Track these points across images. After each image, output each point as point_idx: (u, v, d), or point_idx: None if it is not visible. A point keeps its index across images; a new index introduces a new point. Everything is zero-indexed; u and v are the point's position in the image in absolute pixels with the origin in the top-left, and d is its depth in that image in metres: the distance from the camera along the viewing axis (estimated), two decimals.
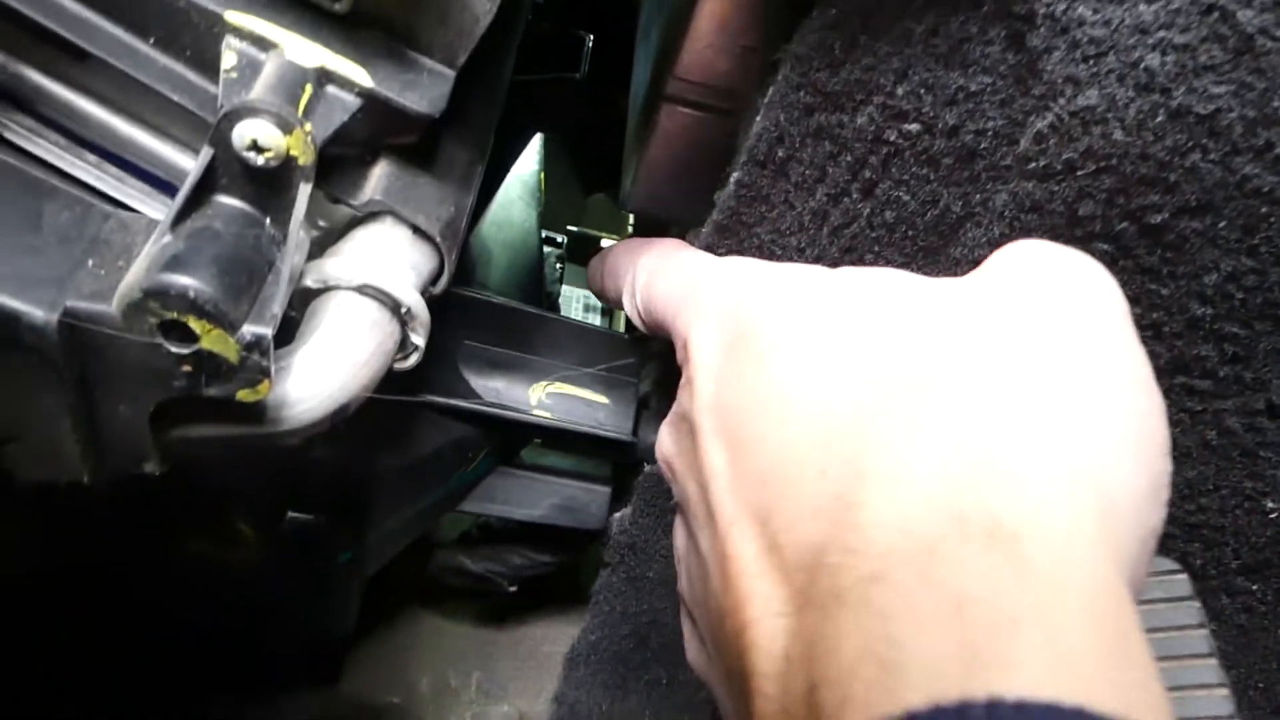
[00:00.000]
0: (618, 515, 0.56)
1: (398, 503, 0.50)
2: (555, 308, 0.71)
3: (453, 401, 0.50)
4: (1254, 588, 0.49)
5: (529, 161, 0.64)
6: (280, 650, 0.56)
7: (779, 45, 0.39)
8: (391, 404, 0.48)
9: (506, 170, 0.61)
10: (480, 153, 0.40)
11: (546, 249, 0.72)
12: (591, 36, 0.58)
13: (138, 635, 0.52)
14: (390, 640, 0.66)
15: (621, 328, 0.74)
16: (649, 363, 0.55)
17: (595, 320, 0.76)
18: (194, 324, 0.28)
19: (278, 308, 0.31)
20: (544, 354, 0.54)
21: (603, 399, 0.55)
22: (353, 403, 0.34)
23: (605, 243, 0.76)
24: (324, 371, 0.33)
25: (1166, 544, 0.48)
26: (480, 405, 0.50)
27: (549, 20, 0.56)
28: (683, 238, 0.49)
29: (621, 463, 0.58)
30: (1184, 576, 0.40)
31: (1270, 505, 0.44)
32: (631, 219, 0.79)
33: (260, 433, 0.33)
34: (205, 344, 0.29)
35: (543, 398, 0.53)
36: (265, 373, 0.30)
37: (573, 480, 0.58)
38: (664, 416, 0.37)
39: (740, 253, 0.44)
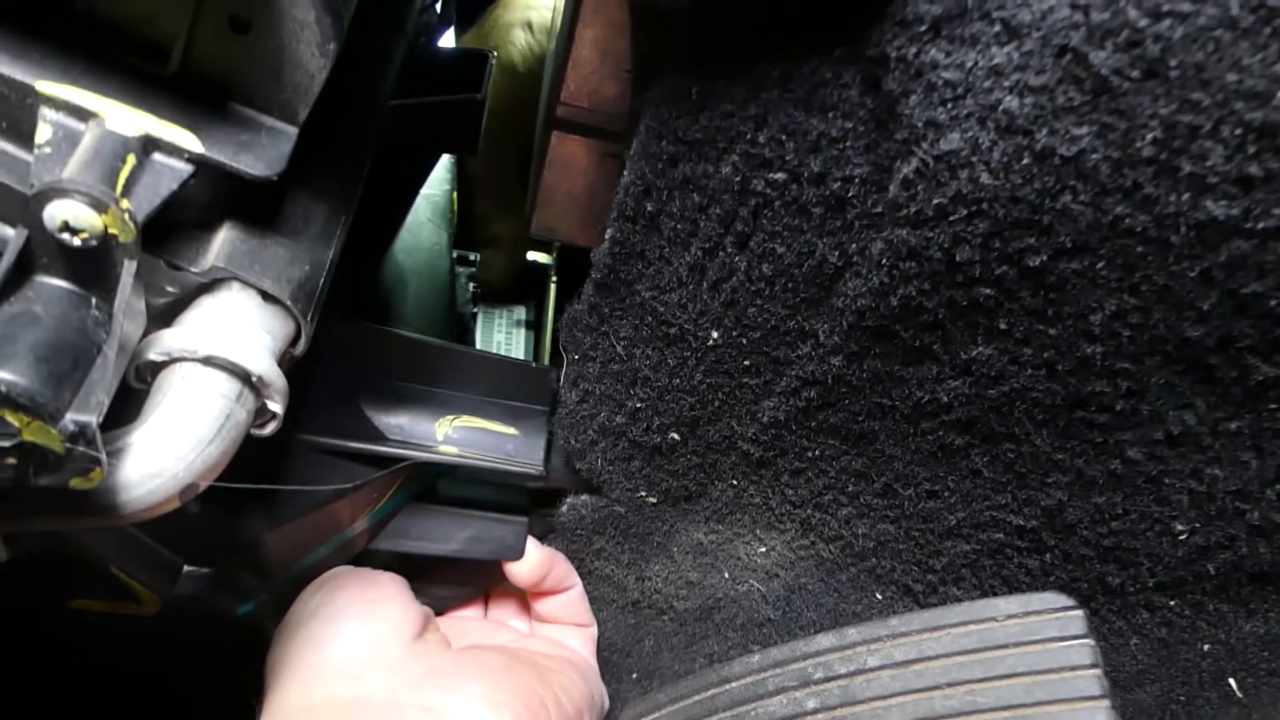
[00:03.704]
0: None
1: (300, 550, 0.49)
2: (468, 330, 0.69)
3: (352, 445, 0.48)
4: (1172, 603, 0.48)
5: (439, 182, 0.63)
6: (186, 700, 0.55)
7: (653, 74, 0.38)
8: (279, 456, 0.47)
9: (413, 196, 0.59)
10: (343, 202, 0.38)
11: (461, 269, 0.70)
12: (495, 52, 0.57)
13: (35, 694, 0.51)
14: None
15: (547, 354, 0.72)
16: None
17: (520, 336, 0.75)
18: (10, 417, 0.27)
19: (104, 393, 0.29)
20: (450, 387, 0.53)
21: (511, 430, 0.53)
22: (202, 481, 0.33)
23: (532, 256, 0.74)
24: (166, 451, 0.32)
25: (1083, 565, 0.48)
26: (381, 448, 0.49)
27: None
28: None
29: (537, 490, 0.57)
30: (1079, 613, 0.39)
31: (1179, 528, 0.44)
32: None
33: (102, 519, 0.32)
34: (27, 436, 0.27)
35: (449, 432, 0.52)
36: (95, 461, 0.29)
37: (488, 511, 0.56)
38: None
39: (623, 311, 0.43)
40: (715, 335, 0.42)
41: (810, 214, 0.35)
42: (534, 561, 0.54)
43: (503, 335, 0.73)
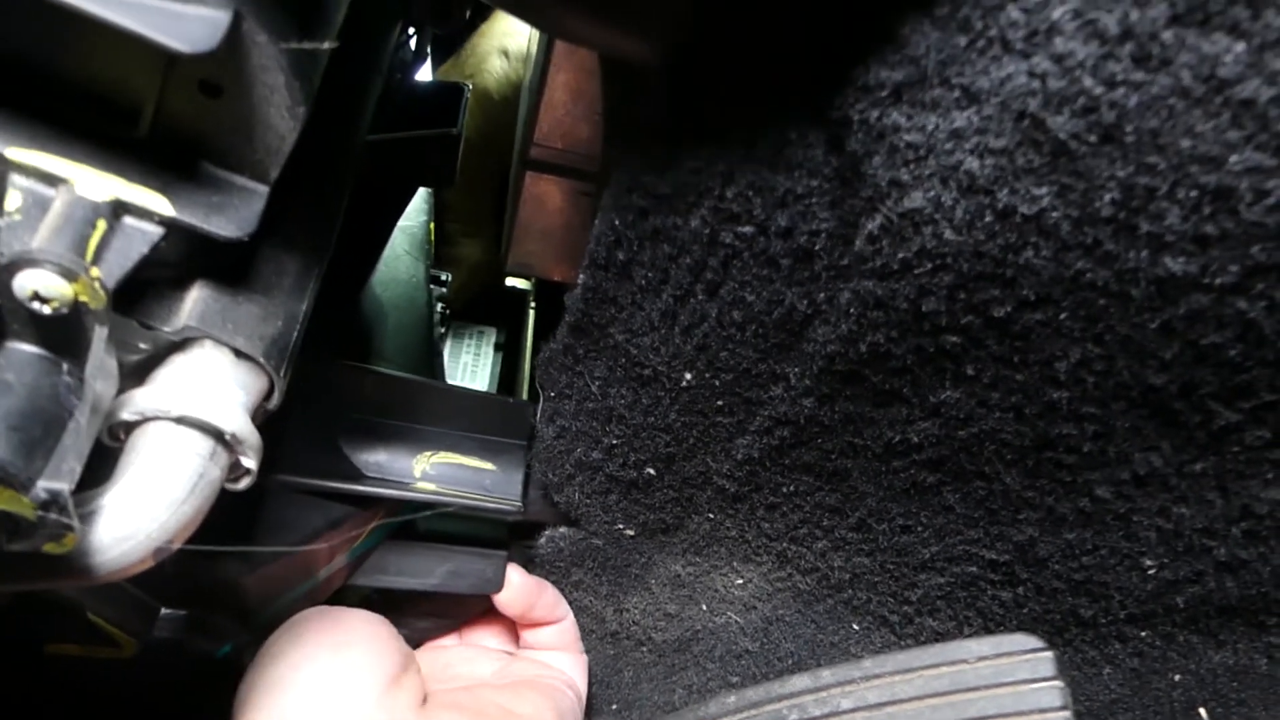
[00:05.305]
0: None
1: (278, 590, 0.49)
2: (438, 353, 0.69)
3: (329, 484, 0.48)
4: (1143, 634, 0.49)
5: (416, 214, 0.63)
6: None
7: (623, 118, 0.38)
8: (255, 498, 0.47)
9: (390, 230, 0.60)
10: (317, 252, 0.38)
11: (433, 287, 0.70)
12: (470, 85, 0.57)
13: None
14: None
15: (526, 381, 0.73)
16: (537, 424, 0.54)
17: (489, 358, 0.75)
18: None
19: (76, 460, 0.29)
20: (428, 422, 0.53)
21: (489, 465, 0.53)
22: (175, 540, 0.33)
23: (511, 281, 0.74)
24: (139, 512, 0.32)
25: (1055, 598, 0.48)
26: (359, 488, 0.49)
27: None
28: None
29: (516, 522, 0.57)
30: (1049, 655, 0.39)
31: (1148, 563, 0.44)
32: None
33: (75, 580, 0.32)
34: None
35: (427, 468, 0.52)
36: (68, 528, 0.29)
37: (467, 546, 0.56)
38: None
39: (597, 353, 0.43)
40: (688, 377, 0.42)
41: (779, 265, 0.36)
42: (519, 587, 0.54)
43: (470, 356, 0.73)
